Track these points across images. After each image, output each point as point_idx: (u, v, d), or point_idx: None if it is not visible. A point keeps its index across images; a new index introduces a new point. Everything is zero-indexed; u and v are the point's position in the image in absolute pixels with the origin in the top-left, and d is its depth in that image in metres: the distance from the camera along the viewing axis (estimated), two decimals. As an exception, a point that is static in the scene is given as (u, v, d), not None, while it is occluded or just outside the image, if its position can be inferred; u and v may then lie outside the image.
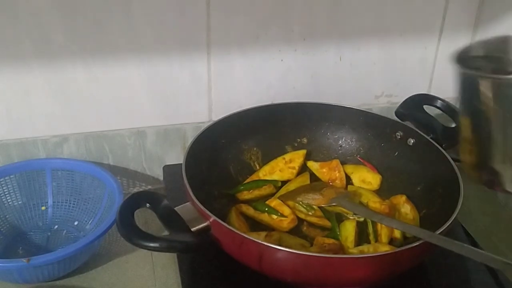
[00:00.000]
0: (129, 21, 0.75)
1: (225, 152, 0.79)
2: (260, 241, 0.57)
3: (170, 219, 0.62)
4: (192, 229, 0.60)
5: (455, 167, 0.69)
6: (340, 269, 0.57)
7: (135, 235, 0.58)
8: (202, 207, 0.61)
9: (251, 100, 0.85)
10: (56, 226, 0.78)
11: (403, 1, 0.85)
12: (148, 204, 0.64)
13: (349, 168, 0.82)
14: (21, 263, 0.61)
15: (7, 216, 0.77)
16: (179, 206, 0.63)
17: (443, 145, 0.75)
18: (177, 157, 0.87)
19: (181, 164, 0.68)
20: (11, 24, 0.71)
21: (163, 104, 0.83)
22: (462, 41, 0.92)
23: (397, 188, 0.77)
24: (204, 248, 0.61)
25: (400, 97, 0.89)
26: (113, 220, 0.67)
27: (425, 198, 0.74)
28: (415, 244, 0.57)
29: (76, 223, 0.78)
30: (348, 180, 0.81)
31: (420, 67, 0.93)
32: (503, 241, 0.78)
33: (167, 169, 0.85)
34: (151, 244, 0.58)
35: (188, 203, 0.64)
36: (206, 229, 0.61)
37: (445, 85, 0.95)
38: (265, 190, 0.78)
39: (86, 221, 0.78)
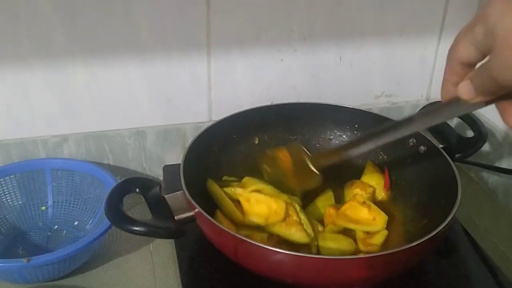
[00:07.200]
0: (129, 21, 0.75)
1: (224, 153, 0.79)
2: (234, 234, 0.58)
3: (157, 205, 0.64)
4: (176, 217, 0.62)
5: (453, 166, 0.68)
6: (334, 270, 0.57)
7: (118, 218, 0.61)
8: (190, 198, 0.62)
9: (251, 100, 0.85)
10: (56, 226, 0.78)
11: (403, 1, 0.85)
12: (138, 189, 0.65)
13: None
14: (21, 263, 0.61)
15: (7, 216, 0.77)
16: (170, 195, 0.65)
17: (456, 156, 0.74)
18: (177, 157, 0.87)
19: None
20: (11, 24, 0.71)
21: (163, 104, 0.83)
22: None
23: (398, 196, 0.77)
24: (182, 236, 0.63)
25: (400, 97, 0.89)
26: (113, 220, 0.67)
27: (426, 208, 0.72)
28: (413, 244, 0.57)
29: (76, 223, 0.78)
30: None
31: (420, 67, 0.93)
32: (503, 241, 0.78)
33: (167, 169, 0.85)
34: (134, 228, 0.60)
35: (179, 192, 0.65)
36: (190, 219, 0.63)
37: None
38: None
39: (86, 221, 0.78)
